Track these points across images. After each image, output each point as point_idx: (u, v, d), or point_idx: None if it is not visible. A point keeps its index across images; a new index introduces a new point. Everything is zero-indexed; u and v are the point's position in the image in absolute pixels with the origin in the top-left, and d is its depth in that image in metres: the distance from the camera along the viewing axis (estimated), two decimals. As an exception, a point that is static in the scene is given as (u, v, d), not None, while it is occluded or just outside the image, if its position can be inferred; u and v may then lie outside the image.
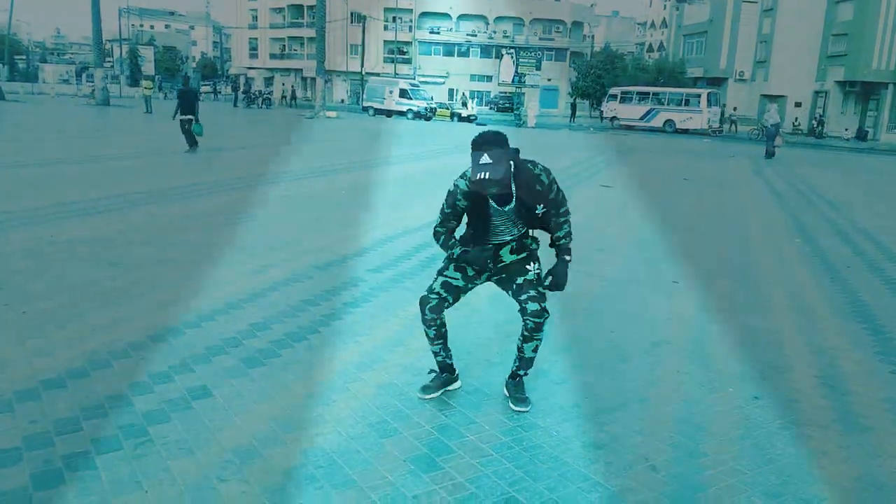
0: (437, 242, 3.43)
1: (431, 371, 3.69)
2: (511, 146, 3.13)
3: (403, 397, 3.61)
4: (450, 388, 3.69)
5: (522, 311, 3.35)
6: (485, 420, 3.41)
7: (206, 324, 4.52)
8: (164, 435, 3.08)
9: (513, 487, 2.82)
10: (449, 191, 3.29)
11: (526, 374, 3.59)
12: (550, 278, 3.39)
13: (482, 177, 2.95)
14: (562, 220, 3.38)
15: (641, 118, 39.28)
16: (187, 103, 15.16)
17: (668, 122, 38.11)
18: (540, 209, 3.24)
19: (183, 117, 15.14)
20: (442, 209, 3.34)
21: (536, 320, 3.32)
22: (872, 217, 11.14)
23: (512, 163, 3.11)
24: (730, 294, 5.98)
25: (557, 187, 3.31)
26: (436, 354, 3.60)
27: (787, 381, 4.07)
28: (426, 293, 3.44)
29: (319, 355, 4.10)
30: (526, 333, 3.40)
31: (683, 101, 38.97)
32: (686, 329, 4.97)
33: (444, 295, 3.42)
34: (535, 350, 3.47)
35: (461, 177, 3.25)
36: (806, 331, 5.06)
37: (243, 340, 4.26)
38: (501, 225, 3.33)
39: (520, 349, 3.50)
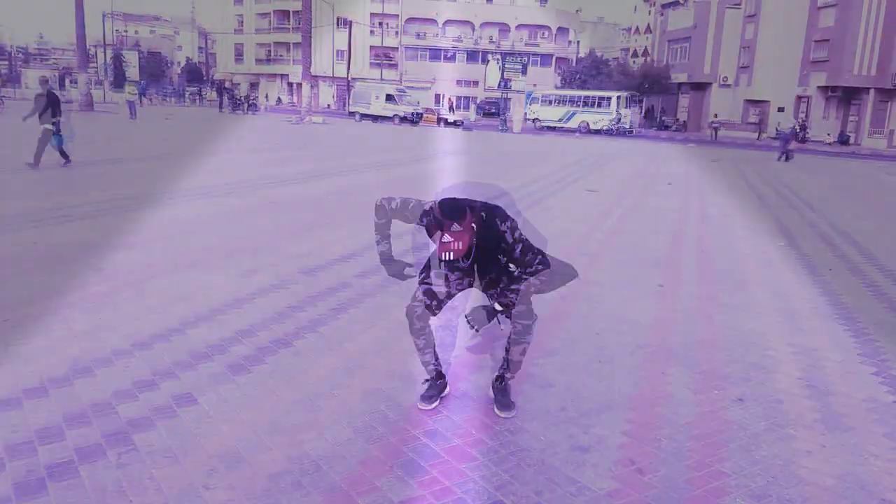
0: (377, 217, 3.44)
1: (426, 380, 3.65)
2: (478, 201, 3.19)
3: (390, 403, 3.60)
4: (443, 393, 3.68)
5: (511, 313, 3.35)
6: (472, 424, 3.41)
7: (191, 330, 4.49)
8: (149, 443, 3.05)
9: (500, 491, 2.82)
10: (424, 208, 3.28)
11: (512, 377, 3.58)
12: (472, 317, 3.36)
13: (447, 257, 3.00)
14: (529, 270, 3.26)
15: (560, 119, 41.10)
16: (52, 108, 12.89)
17: (583, 123, 39.99)
18: (503, 260, 3.26)
19: (48, 125, 12.71)
20: (406, 203, 3.34)
21: (524, 322, 3.33)
22: (854, 220, 11.27)
23: (474, 225, 3.08)
24: (714, 296, 6.02)
25: (524, 246, 3.20)
26: (426, 364, 3.58)
27: (770, 383, 4.11)
28: (411, 302, 3.44)
29: (305, 361, 4.09)
30: (514, 336, 3.40)
31: (596, 103, 41.37)
32: (671, 331, 5.00)
33: (429, 301, 3.42)
34: (522, 353, 3.46)
35: (433, 202, 3.22)
36: (789, 332, 5.11)
37: (229, 347, 4.24)
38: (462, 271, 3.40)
39: (507, 351, 3.49)
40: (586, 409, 3.64)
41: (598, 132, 40.44)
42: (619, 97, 41.89)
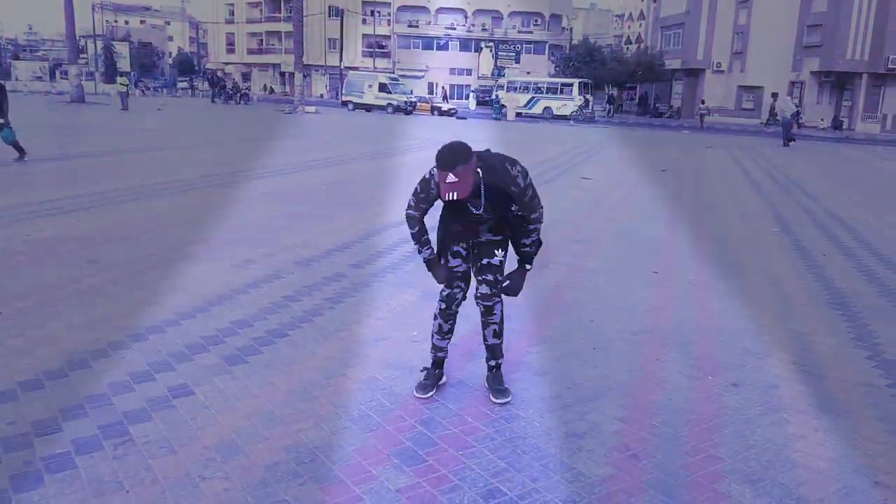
0: (410, 227, 3.42)
1: (424, 369, 3.67)
2: (482, 149, 3.22)
3: (386, 392, 3.61)
4: (440, 383, 3.68)
5: (476, 291, 3.43)
6: (468, 412, 3.42)
7: (187, 321, 4.49)
8: (146, 434, 3.06)
9: (496, 479, 2.83)
10: (424, 178, 3.28)
11: (499, 363, 3.61)
12: (507, 282, 3.45)
13: (451, 197, 3.00)
14: (531, 227, 3.38)
15: (525, 105, 42.39)
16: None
17: (547, 108, 41.55)
18: (515, 209, 3.32)
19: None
20: (415, 191, 3.33)
21: (486, 303, 3.41)
22: (848, 206, 11.31)
23: (479, 170, 3.10)
24: (708, 283, 6.04)
25: (532, 192, 3.27)
26: (439, 350, 3.62)
27: (765, 368, 4.13)
28: (449, 290, 3.46)
29: (301, 351, 4.09)
30: (482, 319, 3.50)
31: (559, 90, 43.06)
32: (665, 318, 5.02)
33: (463, 286, 3.48)
34: (496, 335, 3.52)
35: (430, 175, 3.25)
36: (783, 318, 5.13)
37: (224, 338, 4.24)
38: (475, 226, 3.37)
39: (483, 338, 3.57)
40: (581, 395, 3.65)
41: (563, 118, 41.37)
42: (581, 83, 43.33)
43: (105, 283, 5.23)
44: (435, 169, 3.17)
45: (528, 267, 3.48)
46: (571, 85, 43.27)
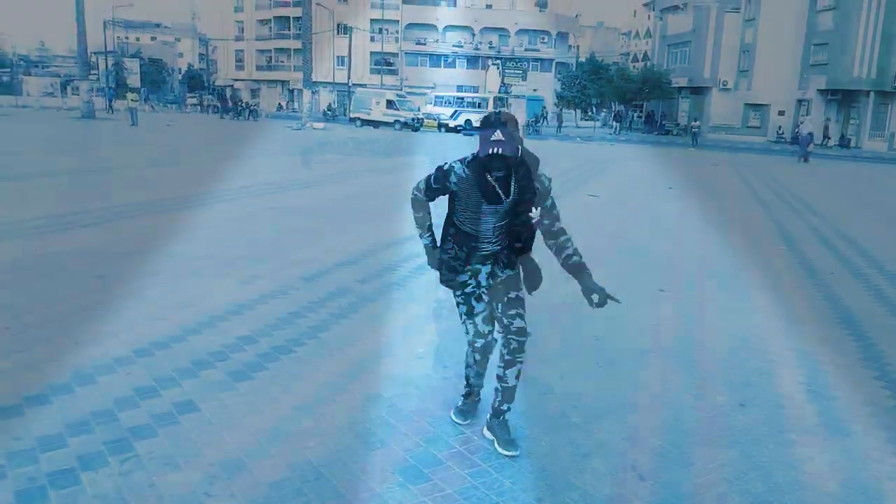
0: (414, 210, 3.31)
1: (465, 397, 3.57)
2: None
3: (391, 409, 3.60)
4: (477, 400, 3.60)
5: (506, 328, 3.17)
6: (472, 430, 3.41)
7: (193, 337, 4.50)
8: (151, 450, 3.06)
9: (501, 497, 2.82)
10: (442, 168, 3.14)
11: (509, 409, 3.30)
12: (595, 296, 3.23)
13: (494, 151, 2.86)
14: (562, 238, 3.23)
15: (450, 117, 44.58)
16: None
17: (468, 121, 42.54)
18: (535, 213, 3.10)
19: None
20: (429, 178, 3.19)
21: (520, 339, 3.16)
22: (855, 224, 11.27)
23: (519, 149, 2.98)
24: (715, 300, 6.02)
25: (554, 200, 3.18)
26: (475, 385, 3.49)
27: (772, 387, 4.11)
28: (482, 340, 3.25)
29: (307, 367, 4.09)
30: (508, 357, 3.18)
31: (477, 104, 45.61)
32: (671, 336, 5.00)
33: (494, 330, 3.28)
34: (517, 377, 3.22)
35: (460, 161, 3.12)
36: (791, 337, 5.10)
37: (230, 354, 4.24)
38: (490, 228, 3.15)
39: (501, 378, 3.22)
40: (587, 414, 3.64)
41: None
42: (495, 98, 45.90)
43: (112, 299, 5.25)
44: (455, 162, 3.11)
45: (588, 271, 3.29)
46: (486, 99, 46.36)
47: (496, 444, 3.25)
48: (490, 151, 2.88)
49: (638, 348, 4.69)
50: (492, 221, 3.15)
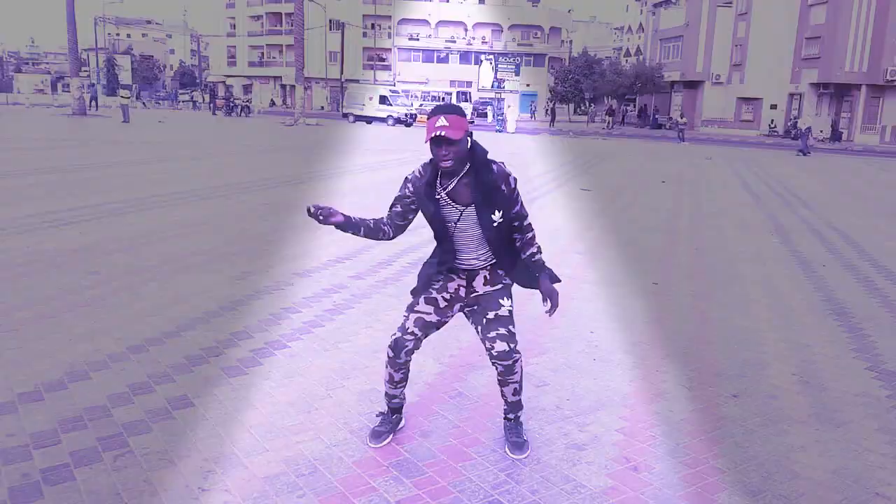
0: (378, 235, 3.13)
1: (380, 414, 3.33)
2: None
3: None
4: (399, 427, 3.34)
5: (489, 352, 3.00)
6: (467, 424, 3.42)
7: (186, 333, 4.49)
8: (145, 446, 3.05)
9: (496, 490, 2.83)
10: (405, 178, 3.01)
11: (519, 415, 3.24)
12: (547, 302, 3.04)
13: (439, 134, 2.71)
14: (528, 235, 3.05)
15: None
16: None
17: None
18: (497, 216, 2.90)
19: None
20: (394, 201, 3.05)
21: (505, 363, 2.98)
22: (847, 216, 11.32)
23: (469, 140, 2.84)
24: (708, 293, 6.04)
25: (520, 199, 2.99)
26: (393, 398, 3.23)
27: (765, 378, 4.13)
28: (400, 335, 3.04)
29: (301, 363, 4.09)
30: (499, 378, 3.07)
31: (441, 99, 46.62)
32: (665, 329, 5.02)
33: (419, 334, 3.06)
34: (515, 393, 3.12)
35: (412, 174, 2.99)
36: (783, 328, 5.13)
37: (224, 349, 4.24)
38: (469, 238, 3.00)
39: (502, 395, 3.16)
40: (581, 406, 3.65)
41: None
42: (458, 93, 47.50)
43: (105, 295, 5.24)
44: (409, 174, 2.99)
45: (548, 270, 3.09)
46: (451, 94, 47.99)
47: (507, 447, 3.18)
48: (434, 135, 2.72)
49: (631, 341, 4.70)
50: (462, 233, 2.99)
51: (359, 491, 2.78)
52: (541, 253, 3.12)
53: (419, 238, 7.60)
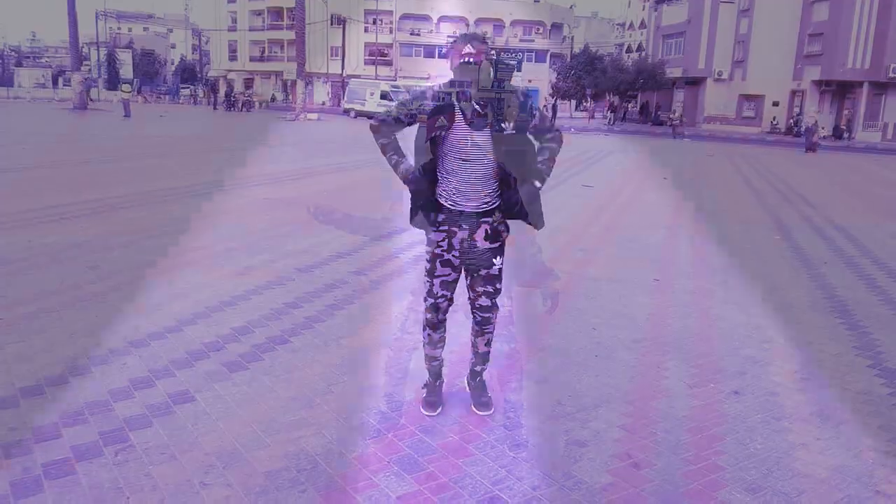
0: (378, 138, 3.30)
1: (424, 386, 3.58)
2: None
3: (387, 399, 3.61)
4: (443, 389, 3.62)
5: (472, 302, 3.33)
6: (468, 420, 3.42)
7: (188, 328, 4.49)
8: (146, 440, 3.05)
9: (497, 486, 2.83)
10: (420, 89, 3.20)
11: (485, 369, 3.53)
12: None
13: (466, 60, 2.96)
14: (548, 136, 3.21)
15: None
16: None
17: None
18: (509, 126, 3.02)
19: None
20: (398, 103, 3.24)
21: (485, 315, 3.30)
22: (849, 214, 11.30)
23: (492, 70, 2.99)
24: (709, 290, 6.03)
25: (541, 113, 3.17)
26: (433, 360, 3.48)
27: (766, 376, 4.13)
28: (432, 299, 3.30)
29: (302, 358, 4.09)
30: (476, 328, 3.38)
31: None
32: (666, 325, 5.01)
33: (448, 294, 3.31)
34: (487, 344, 3.43)
35: (431, 91, 3.14)
36: (784, 326, 5.12)
37: (225, 344, 4.24)
38: (477, 169, 3.11)
39: (473, 344, 3.45)
40: (582, 403, 3.65)
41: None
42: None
43: (107, 290, 5.24)
44: (435, 86, 3.12)
45: (538, 185, 3.16)
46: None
47: (472, 405, 3.48)
48: (459, 62, 2.97)
49: (633, 338, 4.70)
50: (475, 160, 3.09)
51: (360, 486, 2.78)
52: (548, 164, 3.19)
53: (420, 236, 7.60)
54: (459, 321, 4.74)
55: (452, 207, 3.19)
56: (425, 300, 3.35)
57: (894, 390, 3.99)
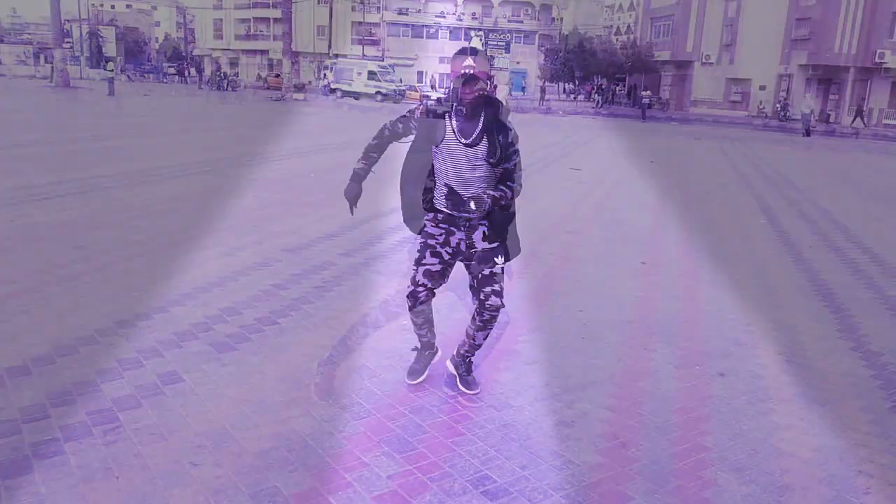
0: (372, 139, 3.47)
1: (414, 348, 3.70)
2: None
3: (376, 379, 3.62)
4: (433, 361, 3.69)
5: (481, 302, 3.30)
6: (457, 400, 3.44)
7: (175, 308, 4.47)
8: (135, 421, 3.05)
9: (485, 466, 2.85)
10: (403, 115, 3.33)
11: (473, 355, 3.59)
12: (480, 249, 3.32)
13: (467, 72, 3.04)
14: (510, 184, 3.32)
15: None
16: None
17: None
18: (495, 157, 3.20)
19: None
20: (386, 125, 3.40)
21: (494, 313, 3.31)
22: (833, 199, 11.40)
23: (488, 85, 3.16)
24: (695, 273, 6.08)
25: (517, 158, 3.31)
26: (422, 336, 3.59)
27: (751, 358, 4.17)
28: (412, 287, 3.37)
29: (291, 339, 4.09)
30: (479, 324, 3.37)
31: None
32: (653, 308, 5.05)
33: (430, 285, 3.37)
34: (485, 338, 3.48)
35: (416, 111, 3.31)
36: (770, 309, 5.18)
37: (213, 325, 4.22)
38: (470, 179, 3.24)
39: (471, 336, 3.46)
40: (570, 384, 3.67)
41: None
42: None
43: (92, 270, 5.20)
44: (415, 110, 3.27)
45: (493, 209, 3.29)
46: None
47: (458, 382, 3.57)
48: (459, 73, 3.05)
49: (620, 320, 4.73)
50: (467, 170, 3.22)
51: (350, 466, 2.79)
52: (503, 196, 3.26)
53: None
54: (450, 303, 4.76)
55: (451, 212, 3.33)
56: (407, 287, 3.42)
57: (876, 372, 4.05)
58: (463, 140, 3.19)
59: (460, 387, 3.55)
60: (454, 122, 3.20)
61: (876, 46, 38.59)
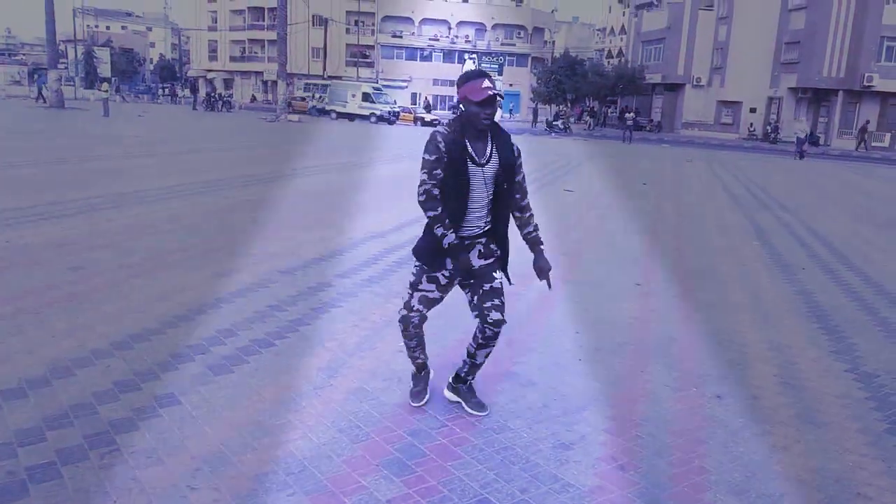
0: (429, 208, 3.19)
1: (413, 377, 3.68)
2: None
3: (374, 402, 3.61)
4: (430, 379, 3.71)
5: (483, 318, 3.29)
6: (456, 423, 3.43)
7: (171, 330, 4.45)
8: (132, 444, 3.03)
9: (485, 489, 2.84)
10: (428, 141, 3.18)
11: (474, 378, 3.61)
12: (540, 272, 3.45)
13: (491, 94, 3.07)
14: (528, 214, 3.45)
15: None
16: None
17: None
18: (507, 172, 3.29)
19: None
20: (424, 162, 3.17)
21: (497, 329, 3.30)
22: (826, 220, 11.49)
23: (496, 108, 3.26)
24: (690, 295, 6.11)
25: (523, 171, 3.39)
26: (415, 359, 3.57)
27: (747, 380, 4.19)
28: (406, 312, 3.35)
29: (288, 361, 4.08)
30: (482, 341, 3.36)
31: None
32: (649, 330, 5.07)
33: (424, 310, 3.37)
34: (486, 356, 3.47)
35: (440, 125, 3.30)
36: (764, 330, 5.20)
37: (209, 347, 4.21)
38: (477, 199, 3.26)
39: (472, 356, 3.45)
40: (568, 406, 3.68)
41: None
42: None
43: (88, 291, 5.18)
44: (436, 131, 3.23)
45: (542, 247, 3.50)
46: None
47: (465, 406, 3.56)
48: (486, 95, 3.08)
49: (616, 342, 4.75)
50: (477, 191, 3.25)
51: (349, 489, 2.78)
52: (537, 231, 3.49)
53: (405, 237, 7.61)
54: (444, 324, 4.76)
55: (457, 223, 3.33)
56: (400, 311, 3.40)
57: (871, 394, 4.07)
58: (477, 159, 3.22)
59: (469, 410, 3.53)
60: (467, 142, 3.22)
61: (864, 69, 39.14)
